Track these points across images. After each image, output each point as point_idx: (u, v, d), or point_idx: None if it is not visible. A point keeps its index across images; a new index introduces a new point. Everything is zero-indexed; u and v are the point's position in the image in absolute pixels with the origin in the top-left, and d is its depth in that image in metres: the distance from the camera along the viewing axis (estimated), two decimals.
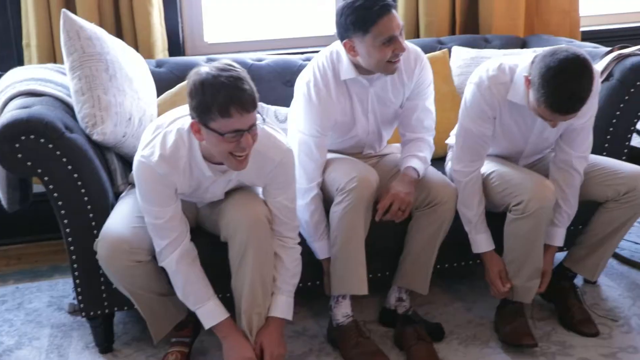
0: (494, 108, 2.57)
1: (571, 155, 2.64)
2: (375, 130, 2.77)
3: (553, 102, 2.31)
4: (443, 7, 3.58)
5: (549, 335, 2.76)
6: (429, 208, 2.65)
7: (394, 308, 2.80)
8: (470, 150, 2.64)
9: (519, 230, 2.60)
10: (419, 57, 2.69)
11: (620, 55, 2.94)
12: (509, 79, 2.53)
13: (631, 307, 2.92)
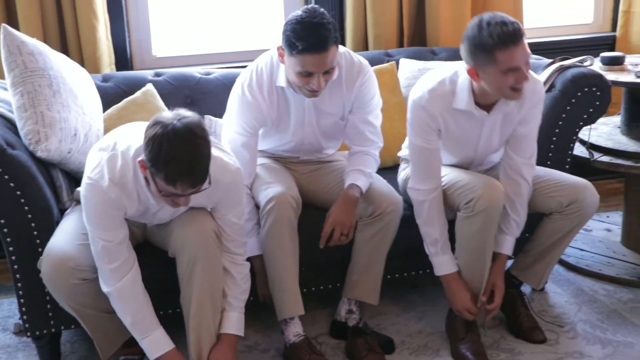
0: (436, 120, 2.59)
1: (518, 162, 2.68)
2: (313, 141, 2.78)
3: (500, 35, 2.36)
4: (391, 20, 3.61)
5: (498, 343, 2.79)
6: (374, 218, 2.66)
7: (345, 320, 2.80)
8: (425, 166, 2.65)
9: (468, 228, 2.61)
10: (362, 69, 2.70)
11: (561, 66, 3.00)
12: (450, 88, 2.56)
13: (577, 313, 2.97)
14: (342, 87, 2.67)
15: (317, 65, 2.44)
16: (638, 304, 3.03)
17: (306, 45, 2.40)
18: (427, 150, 2.62)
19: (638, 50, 4.00)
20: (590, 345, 2.76)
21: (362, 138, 2.77)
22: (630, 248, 3.48)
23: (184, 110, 2.18)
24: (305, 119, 2.70)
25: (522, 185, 2.70)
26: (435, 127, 2.61)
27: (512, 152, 2.69)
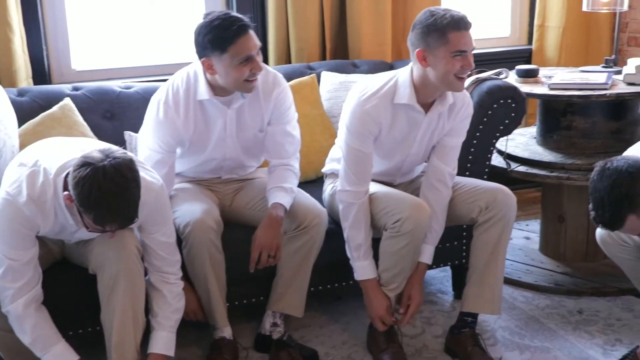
0: (377, 123, 2.62)
1: (444, 171, 2.73)
2: (234, 156, 2.79)
3: (450, 22, 2.45)
4: (313, 34, 3.63)
5: (420, 352, 2.83)
6: (299, 231, 2.67)
7: (269, 333, 2.80)
8: (358, 169, 2.66)
9: (392, 247, 2.64)
10: (277, 80, 2.73)
11: (478, 79, 3.07)
12: (392, 87, 2.61)
13: (497, 320, 3.03)
14: (259, 98, 2.69)
15: (251, 45, 2.51)
16: (555, 309, 3.12)
17: (235, 30, 2.47)
18: (362, 153, 2.65)
19: (553, 63, 4.13)
20: (509, 351, 2.82)
21: (281, 150, 2.78)
22: (547, 255, 3.58)
23: (115, 148, 2.18)
24: (226, 133, 2.70)
25: (444, 193, 2.75)
26: (375, 132, 2.63)
27: (439, 160, 2.74)
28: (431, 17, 2.50)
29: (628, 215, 2.23)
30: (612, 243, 2.65)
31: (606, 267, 3.37)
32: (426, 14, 2.53)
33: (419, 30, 2.53)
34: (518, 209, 2.81)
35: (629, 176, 2.21)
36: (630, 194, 2.21)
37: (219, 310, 2.67)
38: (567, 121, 3.36)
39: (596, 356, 2.77)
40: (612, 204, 2.22)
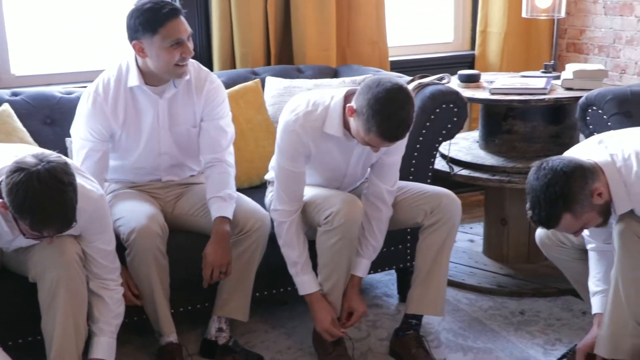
0: (307, 146, 2.61)
1: (382, 188, 2.73)
2: (170, 152, 2.77)
3: (384, 131, 2.39)
4: (257, 38, 3.64)
5: (365, 356, 2.85)
6: (242, 236, 2.67)
7: (215, 339, 2.79)
8: (289, 189, 2.66)
9: (327, 242, 2.64)
10: (209, 76, 2.77)
11: (420, 84, 3.11)
12: (323, 114, 2.57)
13: (441, 322, 3.07)
14: (192, 93, 2.72)
15: (182, 28, 2.56)
16: (497, 311, 3.17)
17: (166, 13, 2.52)
18: (293, 174, 2.65)
19: (495, 68, 4.20)
20: (452, 352, 2.86)
21: (215, 145, 2.77)
22: (490, 257, 3.64)
23: (49, 153, 2.15)
24: (159, 124, 2.71)
25: (383, 211, 2.76)
26: (305, 153, 2.63)
27: (377, 179, 2.74)
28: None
29: (563, 214, 2.28)
30: (550, 244, 2.70)
31: (547, 269, 3.43)
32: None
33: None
34: (462, 212, 2.84)
35: (564, 175, 2.26)
36: (565, 193, 2.25)
37: (165, 317, 2.65)
38: (508, 125, 3.42)
39: (537, 356, 2.82)
40: (547, 202, 2.27)
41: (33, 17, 3.55)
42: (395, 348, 2.83)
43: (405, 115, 2.39)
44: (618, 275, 2.41)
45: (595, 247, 2.58)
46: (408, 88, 2.44)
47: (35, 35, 3.55)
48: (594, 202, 2.29)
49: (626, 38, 3.96)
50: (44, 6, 3.57)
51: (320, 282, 2.72)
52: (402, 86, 2.41)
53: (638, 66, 3.91)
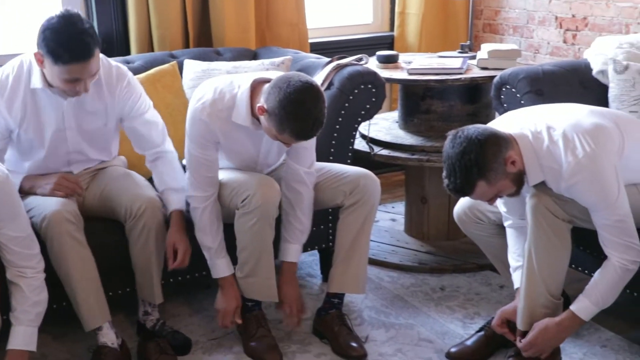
0: (214, 134, 2.60)
1: (300, 171, 2.73)
2: (79, 149, 2.72)
3: (299, 131, 2.40)
4: (175, 21, 3.59)
5: (289, 335, 2.87)
6: (132, 222, 2.62)
7: (143, 322, 2.77)
8: (201, 176, 2.65)
9: (245, 225, 2.63)
10: (121, 74, 2.69)
11: (338, 65, 3.13)
12: (230, 103, 2.56)
13: (364, 301, 3.11)
14: (103, 93, 2.64)
15: (84, 71, 2.43)
16: (419, 287, 3.23)
17: (72, 55, 2.38)
18: (204, 160, 2.64)
19: (414, 49, 4.26)
20: (375, 329, 2.90)
21: (149, 140, 2.75)
22: (412, 236, 3.70)
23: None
24: (65, 125, 2.63)
25: (304, 194, 2.76)
26: (214, 140, 2.62)
27: (293, 162, 2.73)
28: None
29: (478, 181, 2.33)
30: (467, 221, 2.76)
31: (466, 245, 3.51)
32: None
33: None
34: (384, 192, 2.88)
35: (478, 143, 2.31)
36: (480, 160, 2.31)
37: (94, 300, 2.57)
38: (426, 105, 3.48)
39: (456, 329, 2.89)
40: (462, 170, 2.32)
41: None
42: (318, 327, 2.86)
43: (318, 114, 2.40)
44: (531, 248, 2.48)
45: (512, 223, 2.65)
46: (317, 84, 2.45)
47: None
48: (507, 170, 2.35)
49: (539, 19, 4.06)
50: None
51: (240, 265, 2.72)
52: (312, 84, 2.42)
53: (550, 46, 4.02)
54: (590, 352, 2.70)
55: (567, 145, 2.34)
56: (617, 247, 2.37)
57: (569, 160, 2.33)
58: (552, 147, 2.37)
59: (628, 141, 2.44)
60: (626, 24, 3.60)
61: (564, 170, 2.34)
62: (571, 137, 2.35)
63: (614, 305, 2.72)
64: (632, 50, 3.07)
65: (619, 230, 2.36)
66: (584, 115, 2.46)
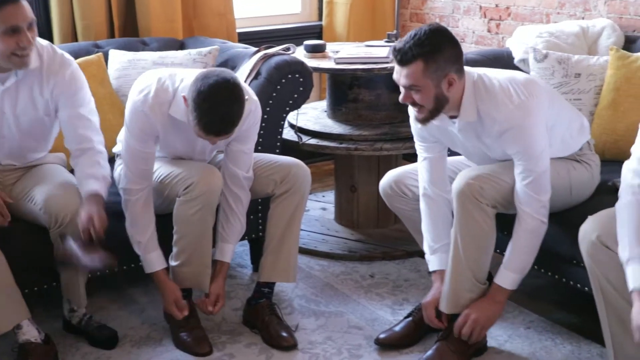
0: (155, 127, 2.58)
1: (239, 175, 2.71)
2: (7, 136, 2.63)
3: (205, 124, 2.37)
4: (99, 11, 3.52)
5: (219, 326, 2.87)
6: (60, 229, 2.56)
7: (69, 319, 2.73)
8: (137, 169, 2.62)
9: (187, 212, 2.62)
10: (64, 61, 2.62)
11: (266, 55, 3.12)
12: (170, 96, 2.54)
13: (294, 290, 3.13)
14: (43, 81, 2.57)
15: (19, 15, 2.36)
16: (349, 275, 3.26)
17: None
18: (142, 153, 2.61)
19: (342, 38, 4.28)
20: (305, 318, 2.92)
21: (78, 135, 2.65)
22: (342, 224, 3.73)
23: None
24: (4, 111, 2.56)
25: (243, 198, 2.75)
26: (154, 134, 2.60)
27: (233, 165, 2.72)
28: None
29: (419, 58, 2.32)
30: (392, 195, 2.81)
31: (396, 232, 3.57)
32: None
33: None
34: (315, 181, 2.90)
35: (451, 40, 2.36)
36: (437, 47, 2.32)
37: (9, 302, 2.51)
38: (354, 94, 3.50)
39: (385, 316, 2.93)
40: (420, 38, 2.31)
41: None
42: (249, 317, 2.87)
43: (227, 111, 2.37)
44: (457, 234, 2.53)
45: (426, 191, 2.67)
46: (237, 83, 2.41)
47: None
48: (442, 84, 2.37)
49: (464, 8, 4.12)
50: None
51: (175, 253, 2.70)
52: (229, 81, 2.38)
53: (475, 35, 4.09)
54: (515, 334, 2.77)
55: (504, 93, 2.41)
56: (532, 203, 2.45)
57: (504, 106, 2.40)
58: (490, 92, 2.42)
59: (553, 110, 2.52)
60: (547, 14, 3.69)
61: (498, 115, 2.41)
62: (506, 87, 2.42)
63: (537, 288, 2.81)
64: (551, 40, 3.16)
65: (536, 185, 2.44)
66: (518, 73, 2.56)
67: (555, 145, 2.55)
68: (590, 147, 2.69)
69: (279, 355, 2.69)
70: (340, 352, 2.69)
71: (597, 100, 2.98)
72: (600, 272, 2.24)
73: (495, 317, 2.58)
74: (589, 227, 2.27)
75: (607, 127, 2.92)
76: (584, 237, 2.28)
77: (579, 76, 3.00)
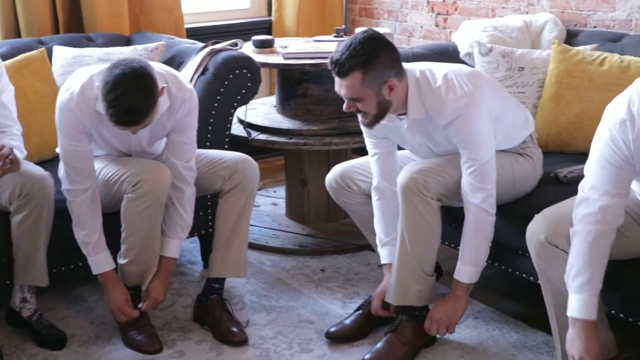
0: (83, 124, 2.55)
1: (179, 166, 2.69)
2: None
3: (112, 115, 2.34)
4: (43, 6, 3.47)
5: (169, 323, 2.85)
6: (23, 199, 2.54)
7: (19, 310, 2.69)
8: (75, 169, 2.58)
9: (135, 210, 2.60)
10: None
11: (213, 50, 3.11)
12: (96, 92, 2.49)
13: (245, 285, 3.12)
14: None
15: None
16: (300, 270, 3.27)
17: None
18: (78, 152, 2.57)
19: (292, 34, 4.28)
20: (256, 313, 2.92)
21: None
22: (293, 219, 3.73)
23: None
24: None
25: (186, 191, 2.73)
26: (85, 132, 2.57)
27: (173, 157, 2.70)
28: None
29: (357, 69, 2.34)
30: (338, 189, 2.83)
31: (346, 226, 3.58)
32: None
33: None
34: (266, 177, 2.90)
35: (385, 45, 2.39)
36: (372, 55, 2.34)
37: None
38: (303, 89, 3.51)
39: (336, 309, 2.94)
40: (355, 49, 2.33)
41: None
42: (199, 314, 2.85)
43: (131, 102, 2.33)
44: (403, 227, 2.56)
45: (377, 185, 2.70)
46: (146, 72, 2.36)
47: None
48: (382, 90, 2.39)
49: (412, 3, 4.15)
50: None
51: (124, 251, 2.68)
52: (136, 71, 2.34)
53: (423, 29, 4.13)
54: (463, 324, 2.80)
55: (448, 86, 2.44)
56: (476, 192, 2.48)
57: (449, 98, 2.42)
58: (435, 87, 2.45)
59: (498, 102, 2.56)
60: (492, 8, 3.74)
61: (444, 108, 2.43)
62: (451, 79, 2.45)
63: (485, 278, 2.85)
64: (495, 34, 3.21)
65: (480, 174, 2.47)
66: (462, 66, 2.60)
67: (499, 137, 2.59)
68: (533, 141, 2.73)
69: (229, 351, 2.69)
70: (291, 347, 2.70)
71: (541, 93, 3.03)
72: (548, 269, 2.28)
73: (460, 311, 2.62)
74: (536, 227, 2.30)
75: (549, 120, 2.97)
76: (531, 237, 2.31)
77: (523, 70, 3.05)
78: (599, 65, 2.91)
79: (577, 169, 2.69)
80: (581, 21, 3.38)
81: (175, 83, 2.59)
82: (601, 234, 2.12)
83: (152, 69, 2.41)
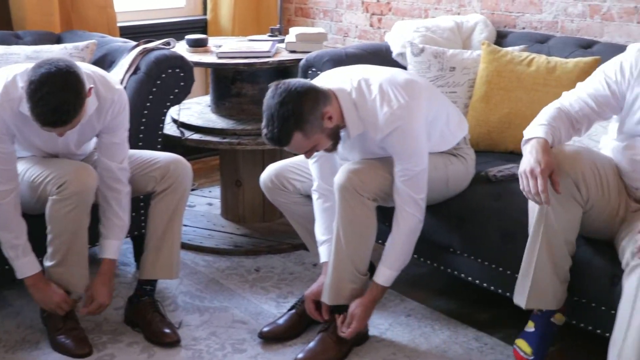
0: (6, 125, 2.48)
1: (113, 168, 2.65)
2: None
3: (38, 116, 2.29)
4: None
5: (100, 326, 2.80)
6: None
7: None
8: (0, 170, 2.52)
9: (61, 212, 2.54)
10: None
11: (145, 49, 3.07)
12: (20, 92, 2.42)
13: (178, 286, 3.10)
14: None
15: None
16: (234, 270, 3.25)
17: None
18: (2, 154, 2.50)
19: (227, 33, 4.26)
20: (189, 314, 2.89)
21: None
22: (228, 219, 3.72)
23: None
24: None
25: (122, 192, 2.69)
26: (8, 133, 2.50)
27: (105, 158, 2.66)
28: None
29: (294, 132, 2.37)
30: (273, 188, 2.82)
31: (281, 226, 3.58)
32: None
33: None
34: (201, 177, 2.88)
35: (297, 95, 2.36)
36: (297, 111, 2.35)
37: None
38: (237, 88, 3.49)
39: (270, 309, 2.94)
40: (280, 119, 2.35)
41: None
42: (131, 316, 2.82)
43: (58, 102, 2.28)
44: (339, 227, 2.56)
45: (318, 186, 2.70)
46: (72, 72, 2.31)
47: None
48: (324, 124, 2.41)
49: (347, 3, 4.17)
50: None
51: (50, 254, 2.62)
52: (62, 70, 2.29)
53: (358, 30, 4.15)
54: (395, 322, 2.83)
55: (383, 98, 2.45)
56: (408, 201, 2.51)
57: (385, 111, 2.43)
58: (370, 99, 2.46)
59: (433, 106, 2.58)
60: (425, 9, 3.78)
61: (379, 120, 2.44)
62: (386, 90, 2.46)
63: (418, 276, 2.88)
64: (427, 34, 3.24)
65: (413, 183, 2.50)
66: (398, 73, 2.60)
67: (434, 140, 2.61)
68: (466, 142, 2.77)
69: (161, 353, 2.65)
70: (224, 347, 2.68)
71: (471, 93, 3.08)
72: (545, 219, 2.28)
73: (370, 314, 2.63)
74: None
75: (480, 119, 3.02)
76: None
77: (454, 70, 3.09)
78: (527, 65, 2.97)
79: (506, 168, 2.75)
80: (510, 22, 3.44)
81: (103, 84, 2.55)
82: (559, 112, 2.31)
83: (79, 68, 2.36)
